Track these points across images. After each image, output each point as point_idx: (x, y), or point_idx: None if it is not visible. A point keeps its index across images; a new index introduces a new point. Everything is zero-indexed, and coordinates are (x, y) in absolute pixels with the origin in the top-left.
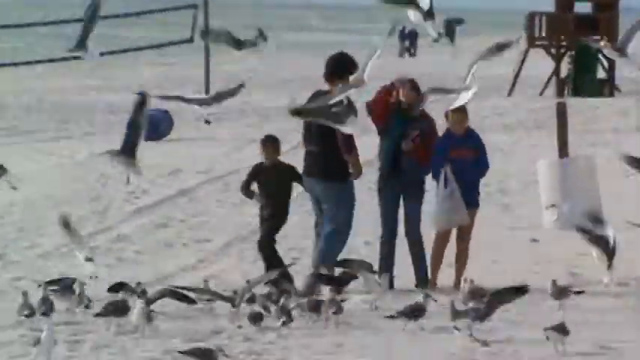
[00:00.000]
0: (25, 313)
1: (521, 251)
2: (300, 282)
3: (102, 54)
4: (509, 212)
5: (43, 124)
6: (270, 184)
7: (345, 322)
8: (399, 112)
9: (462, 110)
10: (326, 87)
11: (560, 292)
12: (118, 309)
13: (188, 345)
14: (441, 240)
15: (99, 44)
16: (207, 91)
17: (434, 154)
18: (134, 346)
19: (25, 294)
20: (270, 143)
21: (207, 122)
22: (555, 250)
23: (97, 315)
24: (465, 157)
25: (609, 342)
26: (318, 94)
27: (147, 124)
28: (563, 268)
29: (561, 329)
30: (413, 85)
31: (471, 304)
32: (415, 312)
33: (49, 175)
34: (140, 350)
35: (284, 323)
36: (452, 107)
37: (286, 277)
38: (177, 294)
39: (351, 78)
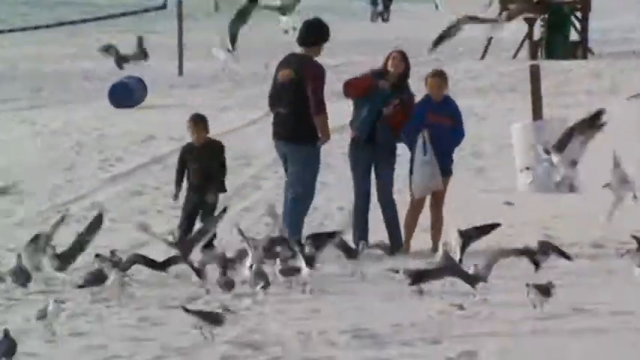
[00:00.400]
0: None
1: (495, 214)
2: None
3: (74, 22)
4: (483, 175)
5: (16, 92)
6: (201, 160)
7: (320, 289)
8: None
9: (440, 75)
10: (298, 50)
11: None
12: (97, 278)
13: (164, 311)
14: (415, 206)
15: (72, 12)
16: (180, 58)
17: (411, 118)
18: (110, 314)
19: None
20: (200, 121)
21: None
22: (529, 212)
23: (80, 287)
24: (442, 123)
25: (583, 304)
26: (291, 57)
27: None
28: (537, 231)
29: (544, 290)
30: (403, 56)
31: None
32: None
33: (23, 144)
34: (116, 318)
35: (263, 288)
36: (432, 71)
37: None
38: (147, 260)
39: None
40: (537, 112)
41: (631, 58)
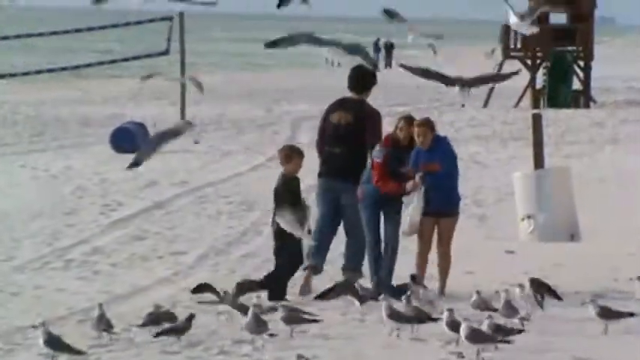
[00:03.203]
0: (103, 327)
1: (496, 262)
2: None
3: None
4: (485, 223)
5: (17, 136)
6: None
7: (321, 334)
8: (396, 147)
9: (423, 124)
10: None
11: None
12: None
13: (164, 357)
14: (422, 247)
15: (74, 56)
16: (182, 104)
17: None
18: (109, 359)
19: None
20: (297, 154)
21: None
22: (531, 261)
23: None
24: (434, 171)
25: (586, 353)
26: (343, 101)
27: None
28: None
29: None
30: (409, 121)
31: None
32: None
33: (23, 188)
34: None
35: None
36: (415, 121)
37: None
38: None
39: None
40: (539, 161)
41: (633, 107)
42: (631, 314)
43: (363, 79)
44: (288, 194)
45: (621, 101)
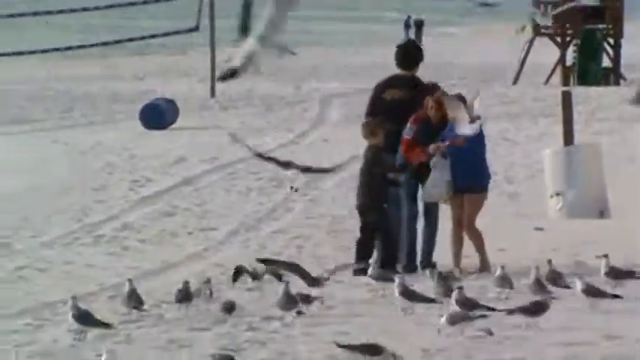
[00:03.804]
0: (133, 304)
1: (526, 239)
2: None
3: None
4: (515, 200)
5: (47, 112)
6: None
7: (350, 312)
8: (427, 125)
9: (459, 99)
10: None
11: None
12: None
13: (192, 334)
14: (453, 224)
15: (106, 33)
16: (212, 80)
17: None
18: (139, 335)
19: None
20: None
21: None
22: (560, 238)
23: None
24: (456, 144)
25: (613, 330)
26: (395, 78)
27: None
28: (567, 257)
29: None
30: (439, 103)
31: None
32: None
33: (53, 164)
34: (145, 339)
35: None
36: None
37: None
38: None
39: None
40: (569, 138)
41: None
42: (616, 296)
43: (411, 55)
44: (378, 166)
45: None
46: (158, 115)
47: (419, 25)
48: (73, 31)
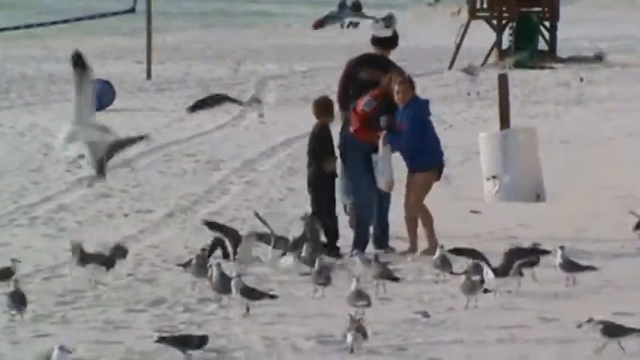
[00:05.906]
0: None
1: (461, 222)
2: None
3: (42, 24)
4: (450, 183)
5: None
6: None
7: (287, 293)
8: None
9: (404, 81)
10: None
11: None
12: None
13: (129, 315)
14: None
15: (42, 14)
16: (148, 62)
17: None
18: (75, 316)
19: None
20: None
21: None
22: (495, 221)
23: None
24: (401, 129)
25: (548, 313)
26: (370, 57)
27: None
28: (503, 240)
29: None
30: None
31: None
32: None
33: None
34: (81, 321)
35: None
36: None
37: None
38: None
39: None
40: (505, 121)
41: (598, 67)
42: (593, 268)
43: (391, 38)
44: (327, 142)
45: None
46: (95, 97)
47: (357, 6)
48: (4, 12)
